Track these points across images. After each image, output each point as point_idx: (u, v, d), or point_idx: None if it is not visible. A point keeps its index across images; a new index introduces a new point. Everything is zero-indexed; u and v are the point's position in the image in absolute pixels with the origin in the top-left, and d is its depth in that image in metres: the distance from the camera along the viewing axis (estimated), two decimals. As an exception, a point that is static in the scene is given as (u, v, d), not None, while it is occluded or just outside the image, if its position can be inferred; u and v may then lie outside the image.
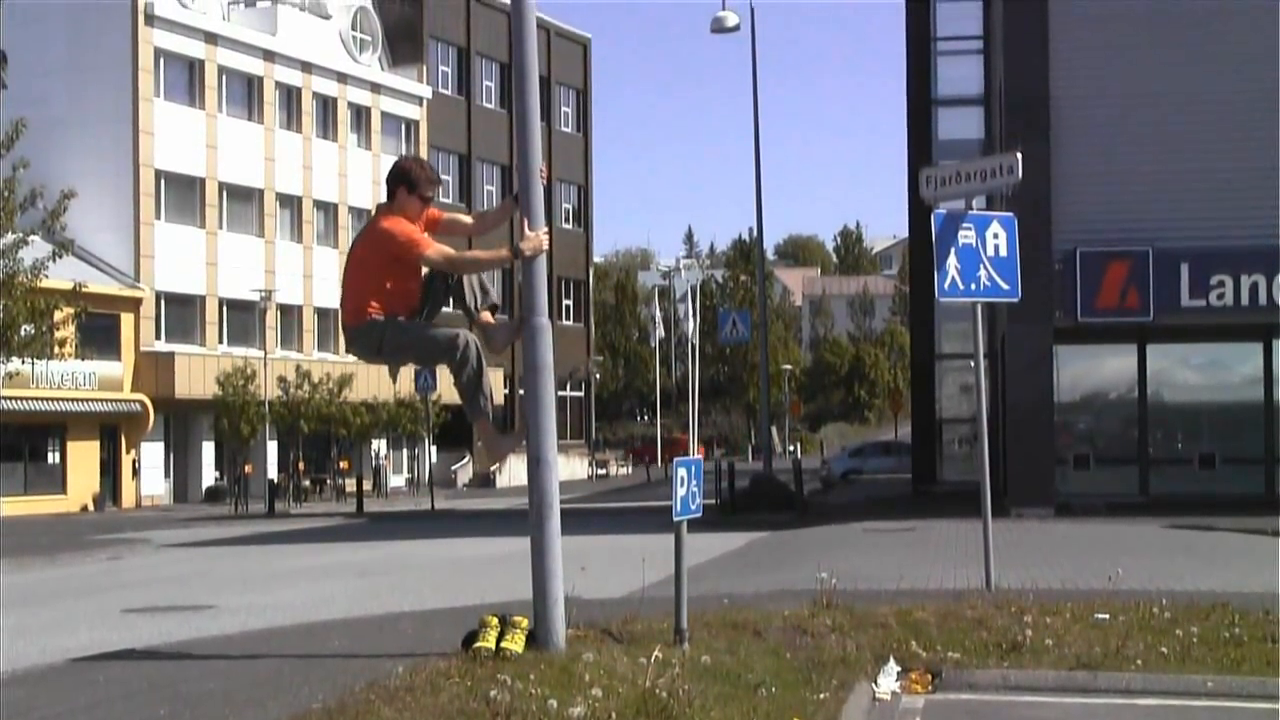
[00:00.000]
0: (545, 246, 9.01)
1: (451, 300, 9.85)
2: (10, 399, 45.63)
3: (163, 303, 58.75)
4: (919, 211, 36.69)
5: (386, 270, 9.48)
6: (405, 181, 9.56)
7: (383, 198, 9.72)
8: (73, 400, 53.80)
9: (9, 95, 33.59)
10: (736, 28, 39.95)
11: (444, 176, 72.71)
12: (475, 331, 9.76)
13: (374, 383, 62.26)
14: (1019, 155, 15.47)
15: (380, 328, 9.50)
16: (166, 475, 59.45)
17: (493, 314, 9.71)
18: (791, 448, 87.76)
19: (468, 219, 10.28)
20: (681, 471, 10.19)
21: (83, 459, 55.52)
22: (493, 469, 68.47)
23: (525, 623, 9.79)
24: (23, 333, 32.88)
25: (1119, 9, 29.35)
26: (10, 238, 31.84)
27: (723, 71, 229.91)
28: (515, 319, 9.20)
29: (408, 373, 60.21)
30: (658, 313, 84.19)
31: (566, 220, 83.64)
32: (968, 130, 42.19)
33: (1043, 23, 29.19)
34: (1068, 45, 29.28)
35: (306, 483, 59.69)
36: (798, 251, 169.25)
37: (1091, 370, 32.60)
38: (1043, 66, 29.18)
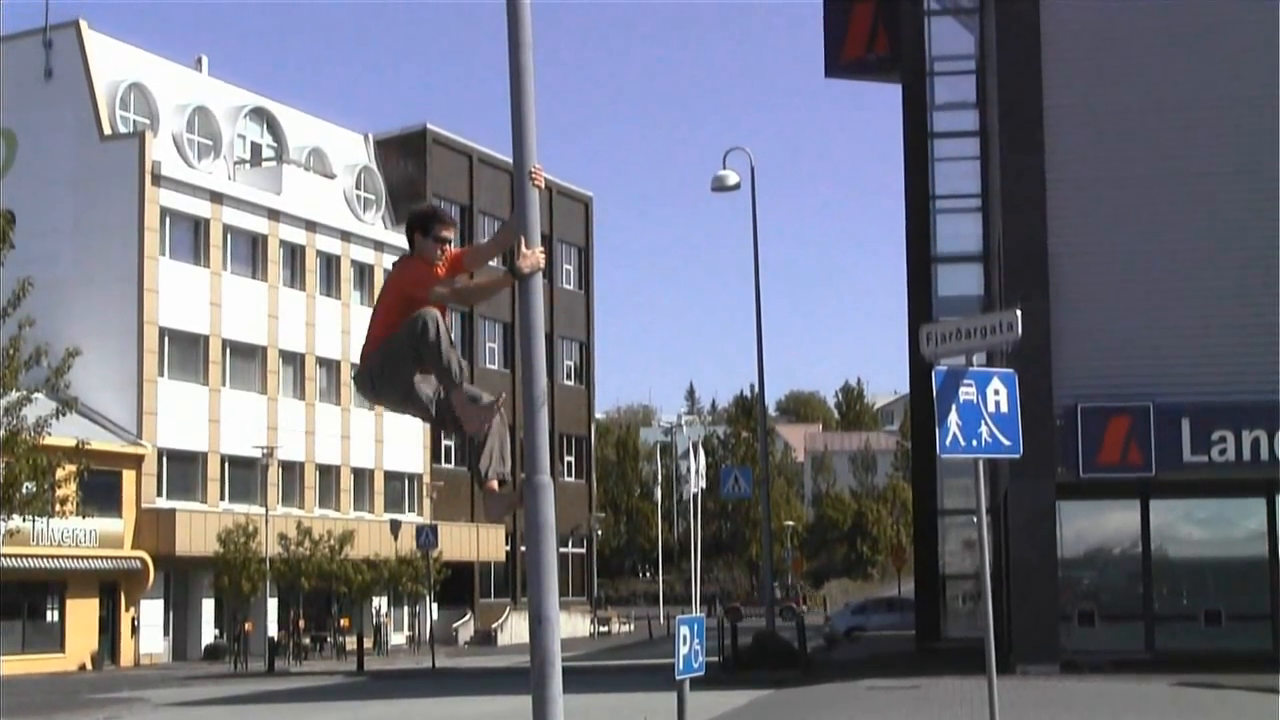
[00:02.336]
0: (542, 263, 8.96)
1: (469, 464, 9.80)
2: (10, 557, 45.44)
3: (164, 459, 58.73)
4: (920, 368, 36.78)
5: (397, 311, 9.45)
6: (420, 227, 9.57)
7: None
8: (73, 558, 53.57)
9: (16, 254, 33.91)
10: (737, 186, 40.32)
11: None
12: (482, 497, 9.67)
13: (375, 540, 62.11)
14: (1019, 312, 15.56)
15: (369, 360, 9.45)
16: (166, 633, 59.03)
17: (499, 484, 9.65)
18: (803, 605, 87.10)
19: (484, 243, 10.14)
20: (684, 629, 10.14)
21: (82, 617, 55.17)
22: (491, 480, 67.94)
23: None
24: (24, 490, 32.85)
25: (1115, 170, 29.64)
26: (14, 395, 31.93)
27: (723, 228, 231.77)
28: (515, 491, 9.15)
29: (409, 531, 60.09)
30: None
31: (569, 377, 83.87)
32: (967, 287, 42.43)
33: (1040, 182, 29.49)
34: (1065, 203, 29.53)
35: (307, 640, 59.27)
36: (799, 407, 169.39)
37: (1095, 525, 32.48)
38: (1040, 224, 29.42)
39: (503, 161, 70.89)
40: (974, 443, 14.79)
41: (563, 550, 76.62)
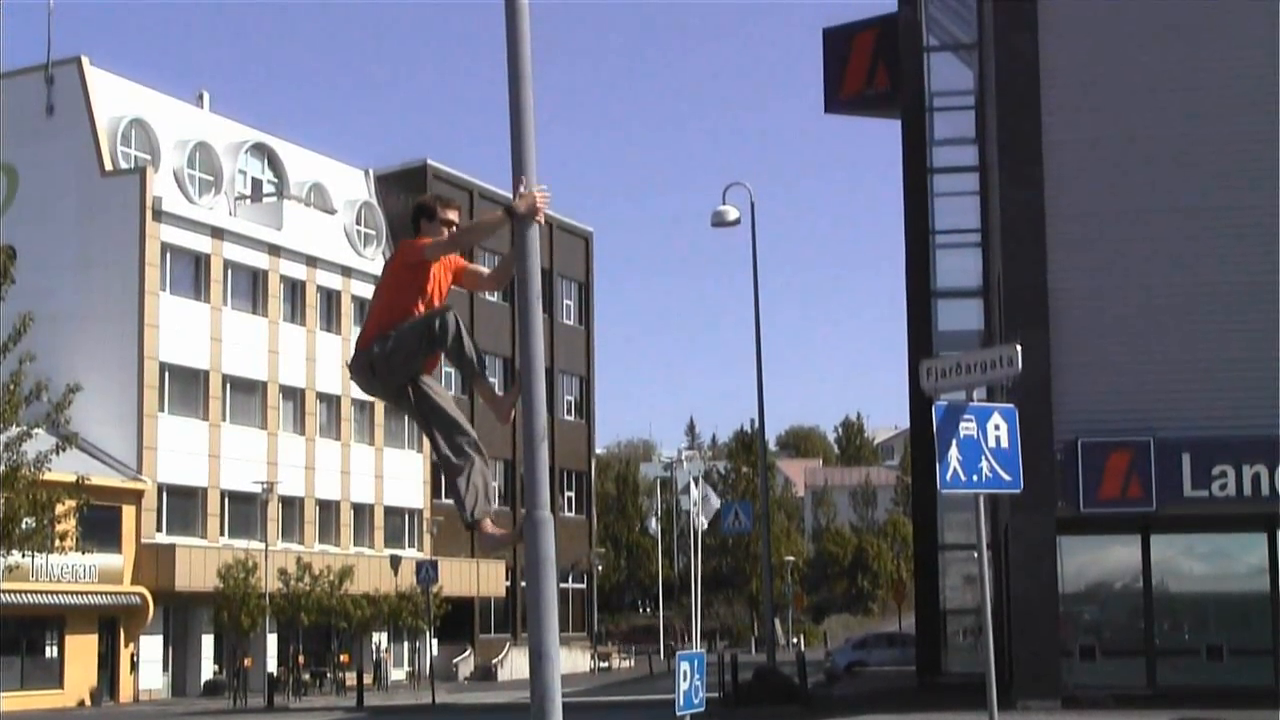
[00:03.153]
0: (539, 204, 8.77)
1: (454, 500, 9.57)
2: (9, 592, 45.39)
3: (164, 495, 58.68)
4: (920, 403, 36.78)
5: (401, 286, 9.31)
6: (424, 214, 9.48)
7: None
8: (72, 593, 53.47)
9: (17, 289, 34.00)
10: (737, 222, 40.38)
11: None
12: (477, 538, 9.54)
13: (375, 575, 62.02)
14: (1018, 347, 15.58)
15: (370, 347, 9.29)
16: (165, 669, 58.87)
17: (492, 521, 9.56)
18: (795, 639, 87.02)
19: (485, 269, 9.95)
20: (685, 665, 10.12)
21: (81, 653, 55.04)
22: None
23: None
24: (24, 525, 32.86)
25: (1115, 205, 29.70)
26: (14, 431, 31.95)
27: (724, 264, 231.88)
28: (516, 528, 9.04)
29: (409, 566, 59.94)
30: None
31: (569, 412, 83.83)
32: (967, 322, 42.44)
33: (1039, 217, 29.52)
34: (1065, 238, 29.57)
35: (306, 676, 59.12)
36: (799, 442, 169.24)
37: (1096, 560, 32.44)
38: (1040, 259, 29.45)
39: (503, 197, 70.99)
40: (974, 478, 14.79)
41: (563, 586, 76.48)
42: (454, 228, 9.29)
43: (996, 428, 14.96)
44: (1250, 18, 29.58)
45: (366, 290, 69.30)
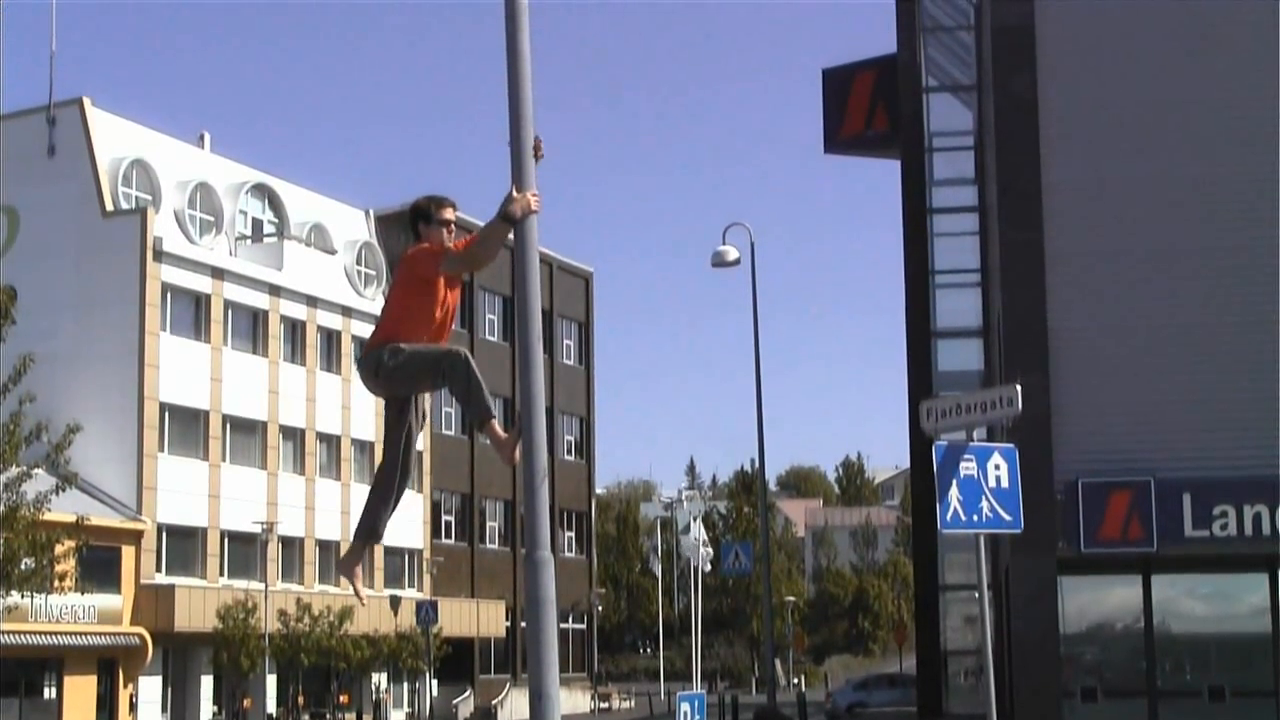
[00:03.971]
0: (534, 207, 8.85)
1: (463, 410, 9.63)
2: (8, 633, 45.30)
3: (164, 535, 58.61)
4: (920, 442, 36.73)
5: (410, 295, 9.39)
6: (421, 217, 9.55)
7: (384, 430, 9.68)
8: (71, 634, 53.34)
9: (17, 330, 34.03)
10: (737, 262, 40.42)
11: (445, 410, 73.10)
12: (493, 446, 9.55)
13: (375, 616, 61.86)
14: (1018, 387, 15.58)
15: (381, 351, 9.38)
16: (164, 710, 58.67)
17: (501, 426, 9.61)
18: (795, 680, 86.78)
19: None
20: (685, 706, 10.10)
21: (79, 694, 54.84)
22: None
23: None
24: (23, 566, 32.82)
25: (1115, 245, 29.72)
26: (14, 471, 31.94)
27: (723, 303, 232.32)
28: (515, 429, 9.05)
29: (409, 607, 59.86)
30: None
31: (569, 452, 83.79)
32: (967, 361, 42.43)
33: (1039, 257, 29.54)
34: (1065, 278, 29.58)
35: (306, 717, 58.98)
36: (800, 483, 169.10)
37: (1097, 601, 32.35)
38: (1040, 299, 29.46)
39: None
40: (975, 518, 14.78)
41: (563, 626, 76.32)
42: (451, 226, 9.42)
43: (997, 468, 14.95)
44: (1250, 58, 29.66)
45: (367, 330, 69.22)
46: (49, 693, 54.87)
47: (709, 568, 72.56)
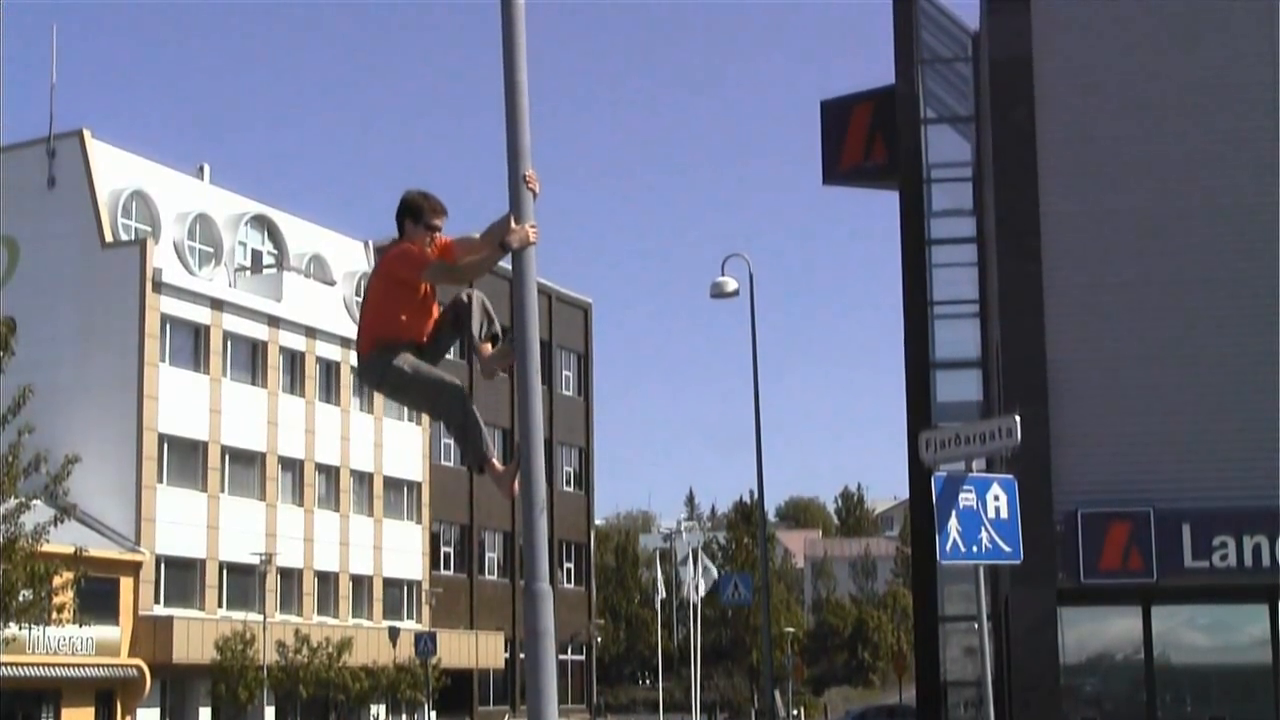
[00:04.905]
0: (532, 239, 8.87)
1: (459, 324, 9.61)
2: (5, 665, 45.19)
3: (162, 566, 58.53)
4: (919, 473, 36.68)
5: (396, 296, 9.39)
6: (410, 214, 9.54)
7: (385, 461, 9.76)
8: (69, 666, 53.21)
9: (17, 361, 34.02)
10: (736, 293, 40.45)
11: (445, 441, 73.05)
12: (493, 482, 9.59)
13: (373, 648, 61.76)
14: (1017, 418, 15.59)
15: (385, 358, 9.37)
16: (162, 742, 58.58)
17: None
18: (795, 712, 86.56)
19: (475, 235, 9.93)
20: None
21: (77, 726, 54.73)
22: None
23: None
24: (21, 598, 32.74)
25: (1113, 276, 29.77)
26: (13, 502, 31.91)
27: (722, 334, 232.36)
28: (514, 460, 9.08)
29: (408, 638, 59.73)
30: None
31: (568, 483, 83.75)
32: (966, 392, 42.41)
33: (1038, 288, 29.58)
34: (1063, 309, 29.62)
35: (304, 749, 58.83)
36: (799, 513, 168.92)
37: (1097, 632, 32.31)
38: (1039, 330, 29.49)
39: (502, 270, 71.03)
40: (974, 549, 14.78)
41: (562, 657, 76.17)
42: (438, 233, 9.46)
43: (996, 499, 14.96)
44: (1249, 91, 29.74)
45: (366, 361, 69.27)
46: (47, 725, 54.75)
47: (701, 594, 72.44)
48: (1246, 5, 29.82)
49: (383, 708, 65.90)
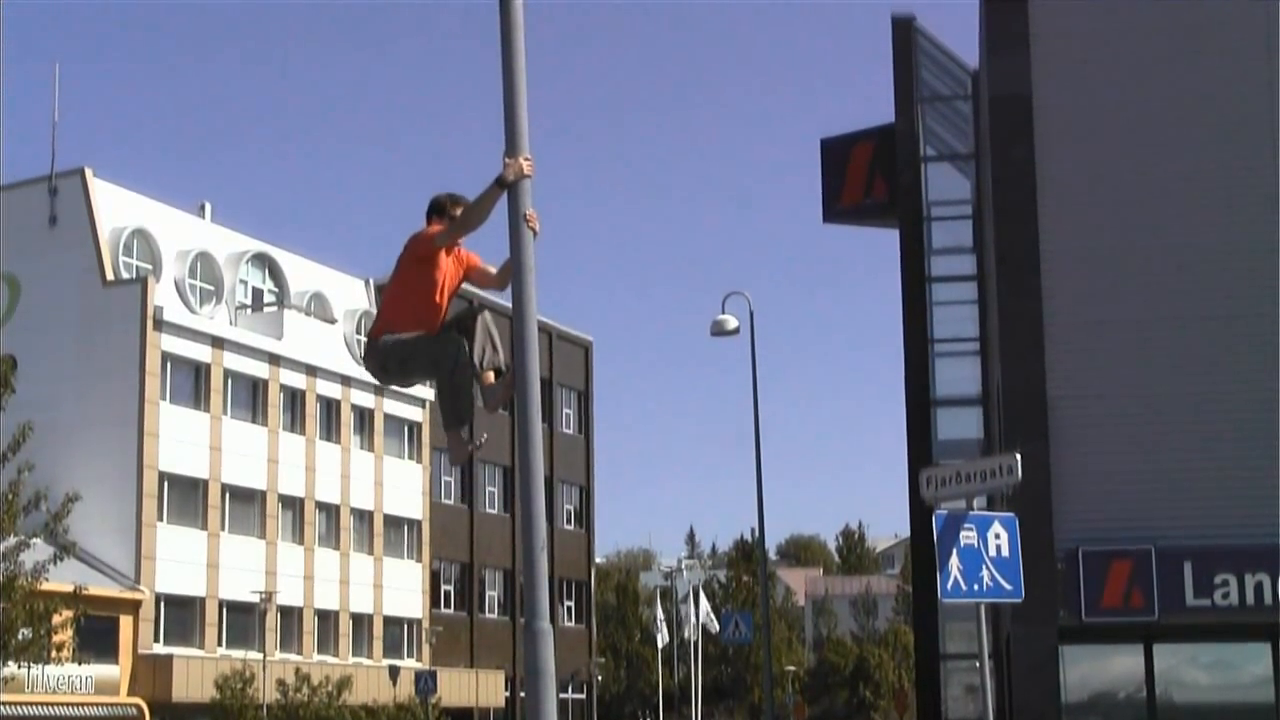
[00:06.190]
0: (527, 171, 8.95)
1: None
2: (5, 704, 45.06)
3: (162, 605, 58.40)
4: (920, 511, 36.65)
5: (412, 278, 9.64)
6: (438, 211, 9.82)
7: (386, 499, 9.86)
8: (68, 704, 53.03)
9: (17, 399, 34.02)
10: (736, 331, 40.49)
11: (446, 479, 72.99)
12: (480, 391, 9.78)
13: (373, 686, 61.58)
14: (1018, 456, 15.58)
15: (388, 341, 9.60)
16: (160, 782, 58.34)
17: (496, 375, 9.73)
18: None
19: (494, 269, 10.10)
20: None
21: (76, 765, 54.52)
22: None
23: None
24: (20, 636, 32.69)
25: (1114, 314, 29.77)
26: (12, 540, 31.88)
27: (723, 372, 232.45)
28: (508, 379, 9.20)
29: (408, 677, 59.54)
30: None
31: (568, 521, 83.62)
32: (967, 430, 42.39)
33: (1038, 326, 29.59)
34: (1064, 347, 29.61)
35: (303, 789, 58.54)
36: (800, 551, 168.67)
37: (1098, 670, 32.20)
38: (1039, 368, 29.48)
39: (503, 306, 71.17)
40: (975, 587, 14.76)
41: (562, 696, 75.93)
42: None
43: (997, 537, 14.94)
44: (1250, 123, 29.79)
45: (367, 399, 69.31)
46: (46, 764, 54.54)
47: (699, 635, 72.39)
48: (1245, 42, 29.90)
49: (383, 747, 65.70)
